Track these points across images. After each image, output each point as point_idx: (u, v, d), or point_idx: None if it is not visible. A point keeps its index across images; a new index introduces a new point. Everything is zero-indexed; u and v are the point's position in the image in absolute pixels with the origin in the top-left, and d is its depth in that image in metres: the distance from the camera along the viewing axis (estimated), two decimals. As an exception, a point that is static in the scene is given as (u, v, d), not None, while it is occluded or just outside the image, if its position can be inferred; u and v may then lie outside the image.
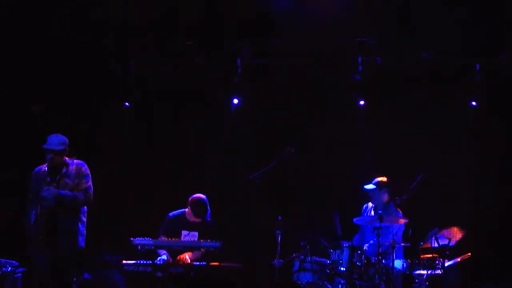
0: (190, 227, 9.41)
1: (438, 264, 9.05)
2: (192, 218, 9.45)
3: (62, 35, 10.42)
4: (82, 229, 8.64)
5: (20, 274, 9.00)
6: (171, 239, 9.14)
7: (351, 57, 10.53)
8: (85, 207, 8.67)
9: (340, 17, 10.06)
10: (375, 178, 9.78)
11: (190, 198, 9.49)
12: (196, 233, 9.30)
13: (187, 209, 9.52)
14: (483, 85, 10.49)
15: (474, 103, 10.66)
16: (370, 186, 9.77)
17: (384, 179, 9.79)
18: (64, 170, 8.58)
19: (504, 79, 10.45)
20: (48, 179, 8.50)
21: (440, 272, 9.03)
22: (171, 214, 9.59)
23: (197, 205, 9.42)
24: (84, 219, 8.69)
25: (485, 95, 10.57)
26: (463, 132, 10.78)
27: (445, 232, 9.15)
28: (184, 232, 9.35)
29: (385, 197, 9.74)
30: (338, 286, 9.14)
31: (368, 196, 9.83)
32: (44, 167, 8.58)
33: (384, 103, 10.80)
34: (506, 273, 9.94)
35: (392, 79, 10.63)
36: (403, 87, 10.67)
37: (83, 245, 8.59)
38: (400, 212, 9.55)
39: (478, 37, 10.11)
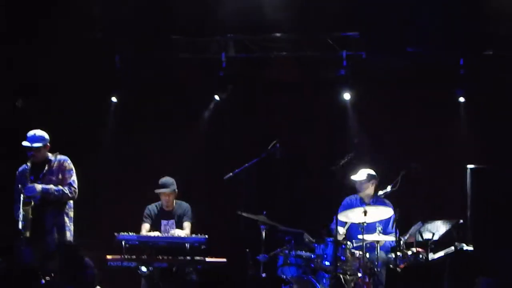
0: (167, 216, 9.65)
1: (422, 258, 9.08)
2: (167, 208, 9.65)
3: (49, 30, 10.41)
4: (69, 224, 8.67)
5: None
6: (153, 232, 9.32)
7: (335, 51, 10.54)
8: (71, 202, 8.68)
9: (324, 11, 10.08)
10: (361, 170, 9.74)
11: None
12: (173, 221, 9.58)
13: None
14: (469, 80, 10.48)
15: (462, 98, 10.64)
16: (358, 177, 9.73)
17: (372, 171, 9.79)
18: (46, 167, 8.57)
19: (490, 74, 10.45)
20: (32, 177, 8.49)
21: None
22: (149, 206, 9.77)
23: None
24: (71, 214, 8.72)
25: (472, 90, 10.56)
26: (450, 127, 10.78)
27: (429, 226, 9.16)
28: (163, 222, 9.64)
29: (372, 190, 9.75)
30: (323, 280, 9.17)
31: (355, 187, 9.78)
32: (27, 165, 8.54)
33: (369, 98, 10.80)
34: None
35: (377, 74, 10.62)
36: (388, 82, 10.66)
37: (71, 240, 8.61)
38: (390, 203, 9.54)
39: (464, 32, 10.11)
